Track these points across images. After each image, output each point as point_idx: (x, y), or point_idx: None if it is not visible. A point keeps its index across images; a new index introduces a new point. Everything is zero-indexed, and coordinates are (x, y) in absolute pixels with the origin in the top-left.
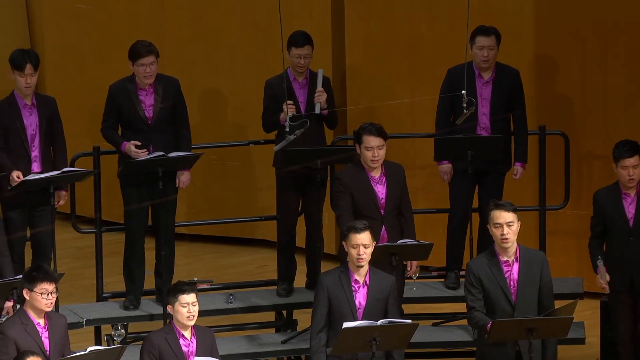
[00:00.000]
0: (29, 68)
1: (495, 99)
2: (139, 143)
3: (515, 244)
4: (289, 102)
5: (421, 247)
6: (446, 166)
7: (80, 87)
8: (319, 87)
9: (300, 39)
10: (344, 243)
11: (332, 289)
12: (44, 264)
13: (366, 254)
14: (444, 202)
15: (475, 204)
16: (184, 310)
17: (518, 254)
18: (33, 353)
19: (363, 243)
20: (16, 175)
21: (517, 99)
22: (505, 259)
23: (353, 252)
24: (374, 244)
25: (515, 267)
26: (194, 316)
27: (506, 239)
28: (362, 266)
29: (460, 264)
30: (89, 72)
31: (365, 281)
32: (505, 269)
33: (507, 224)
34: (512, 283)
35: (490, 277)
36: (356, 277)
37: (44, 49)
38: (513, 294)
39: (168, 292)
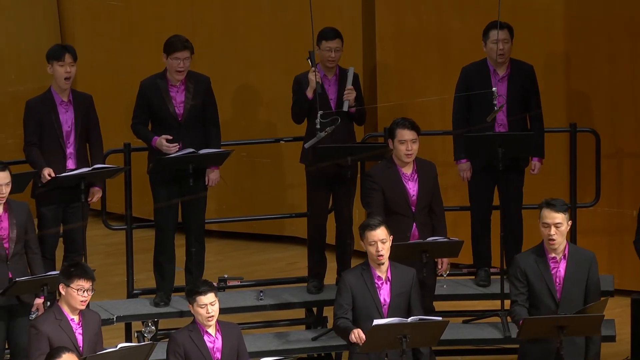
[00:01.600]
0: (68, 57)
1: (511, 95)
2: (170, 137)
3: (564, 243)
4: (313, 68)
5: (451, 245)
6: (465, 164)
7: (111, 84)
8: (349, 85)
9: (330, 33)
10: (362, 242)
11: (355, 286)
12: (81, 261)
13: (385, 249)
14: None
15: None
16: (203, 311)
17: (566, 252)
18: (68, 349)
19: (380, 239)
20: (47, 173)
21: (532, 94)
22: (552, 255)
23: (372, 249)
24: (391, 238)
25: (563, 264)
26: (213, 316)
27: (553, 240)
28: (382, 263)
29: (489, 261)
30: (120, 68)
31: (388, 277)
32: (552, 265)
33: (555, 225)
34: (557, 280)
35: (536, 273)
36: (378, 273)
37: (75, 45)
38: (558, 291)
39: (186, 293)
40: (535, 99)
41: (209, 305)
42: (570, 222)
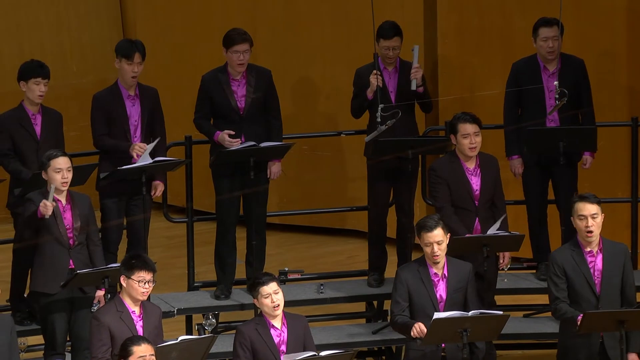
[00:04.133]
0: (137, 57)
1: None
2: (232, 132)
3: (599, 236)
4: (375, 71)
5: (512, 238)
6: (517, 160)
7: (173, 78)
8: (415, 64)
9: (389, 32)
10: (418, 240)
11: (411, 283)
12: (143, 253)
13: (441, 250)
14: None
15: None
16: (268, 301)
17: (601, 245)
18: (148, 341)
19: (436, 240)
20: (138, 146)
21: (583, 88)
22: (588, 249)
23: (427, 250)
24: (448, 237)
25: (599, 258)
26: (279, 305)
27: (590, 231)
28: (438, 262)
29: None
30: (181, 62)
31: (444, 273)
32: (589, 259)
33: (592, 216)
34: (596, 274)
35: (574, 268)
36: (435, 270)
37: (136, 39)
38: (597, 284)
39: (249, 288)
40: (586, 93)
41: (272, 294)
42: (603, 215)
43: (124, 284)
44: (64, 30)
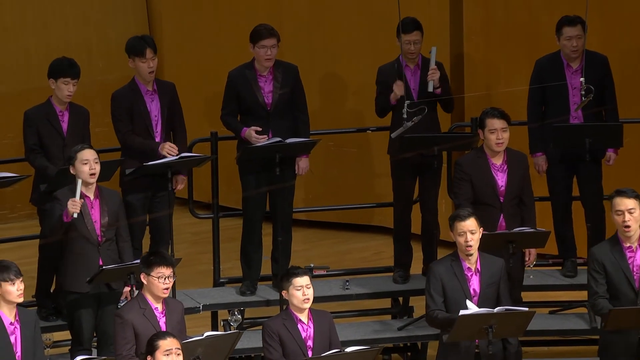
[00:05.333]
0: (149, 52)
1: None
2: (259, 129)
3: (638, 231)
4: (398, 82)
5: (538, 235)
6: (540, 158)
7: (198, 73)
8: (432, 65)
9: (409, 26)
10: (451, 233)
11: (445, 277)
12: (161, 249)
13: (474, 240)
14: None
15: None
16: (299, 293)
17: None
18: (173, 335)
19: (469, 229)
20: (168, 146)
21: (606, 85)
22: (628, 245)
23: (461, 240)
24: (481, 230)
25: (639, 253)
26: (309, 299)
27: (628, 226)
28: (471, 254)
29: (574, 252)
30: (207, 58)
31: (477, 268)
32: (628, 254)
33: (629, 211)
34: (635, 269)
35: (613, 263)
36: (468, 264)
37: (162, 35)
38: (636, 280)
39: (281, 278)
40: (610, 90)
41: (304, 287)
42: None
43: (144, 281)
44: (90, 26)
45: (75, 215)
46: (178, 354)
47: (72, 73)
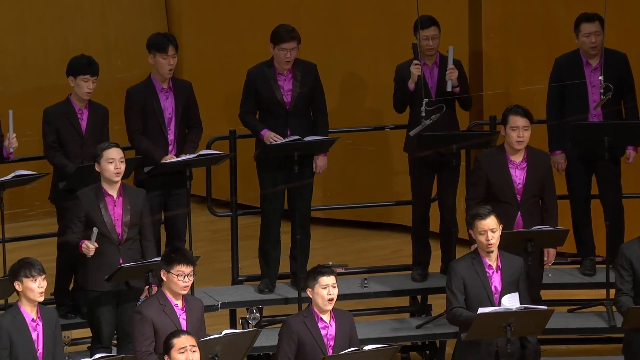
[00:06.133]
0: (171, 49)
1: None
2: (280, 138)
3: None
4: (415, 62)
5: (556, 233)
6: (560, 156)
7: (217, 71)
8: (450, 65)
9: (426, 22)
10: (470, 231)
11: (466, 275)
12: (182, 246)
13: (494, 238)
14: None
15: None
16: (324, 292)
17: None
18: (187, 332)
19: (490, 228)
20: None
21: (626, 82)
22: None
23: (481, 238)
24: (501, 227)
25: None
26: (333, 298)
27: None
28: (492, 251)
29: (593, 250)
30: (226, 55)
31: (498, 265)
32: None
33: None
34: None
35: None
36: (489, 262)
37: (181, 32)
38: None
39: (307, 274)
40: (630, 88)
41: (330, 286)
42: None
43: (164, 278)
44: (109, 24)
45: (88, 256)
46: (194, 351)
47: (91, 70)
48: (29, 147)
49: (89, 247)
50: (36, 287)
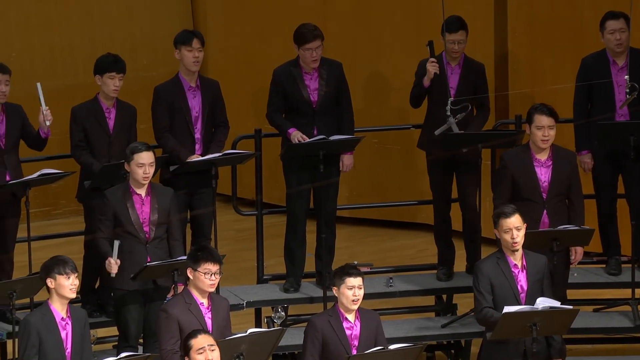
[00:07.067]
0: (195, 42)
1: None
2: (307, 138)
3: None
4: (432, 59)
5: (582, 233)
6: (586, 156)
7: (243, 70)
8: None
9: (453, 25)
10: (495, 231)
11: (492, 275)
12: (209, 244)
13: (519, 236)
14: None
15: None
16: (350, 293)
17: None
18: (204, 331)
19: (515, 226)
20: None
21: None
22: None
23: (506, 237)
24: (525, 226)
25: None
26: (358, 300)
27: None
28: (517, 250)
29: (619, 250)
30: (252, 54)
31: (523, 264)
32: None
33: None
34: None
35: None
36: (514, 261)
37: (206, 31)
38: None
39: (334, 273)
40: None
41: (356, 288)
42: None
43: (190, 276)
44: (135, 23)
45: (112, 274)
46: (212, 350)
47: (118, 68)
48: (55, 145)
49: (111, 263)
50: (69, 284)
